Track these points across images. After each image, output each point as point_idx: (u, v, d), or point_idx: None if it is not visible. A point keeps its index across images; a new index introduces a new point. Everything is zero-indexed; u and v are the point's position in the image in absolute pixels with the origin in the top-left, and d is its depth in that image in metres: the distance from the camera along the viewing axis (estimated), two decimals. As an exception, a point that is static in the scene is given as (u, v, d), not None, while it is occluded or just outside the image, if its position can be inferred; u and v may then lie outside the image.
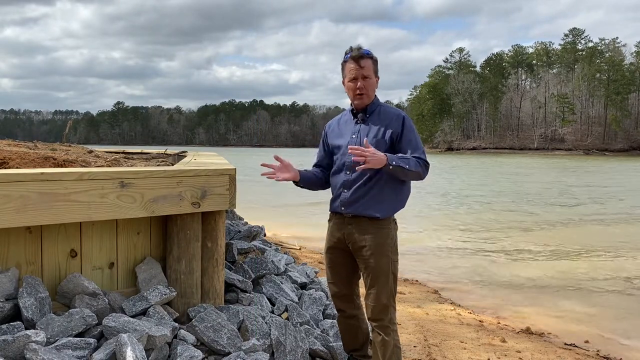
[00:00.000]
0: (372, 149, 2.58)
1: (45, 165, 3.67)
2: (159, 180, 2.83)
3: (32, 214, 2.43)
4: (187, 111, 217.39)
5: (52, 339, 2.39)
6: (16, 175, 2.40)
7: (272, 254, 4.39)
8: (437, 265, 8.19)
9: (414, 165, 2.66)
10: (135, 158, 6.47)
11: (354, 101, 2.84)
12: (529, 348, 4.43)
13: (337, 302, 3.06)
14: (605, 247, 9.74)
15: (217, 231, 3.14)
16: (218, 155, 5.68)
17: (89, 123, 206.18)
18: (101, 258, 2.85)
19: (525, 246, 9.88)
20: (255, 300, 3.38)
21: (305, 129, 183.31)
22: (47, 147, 5.95)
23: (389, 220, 2.82)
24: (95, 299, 2.67)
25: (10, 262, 2.57)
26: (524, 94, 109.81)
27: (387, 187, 2.77)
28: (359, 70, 2.76)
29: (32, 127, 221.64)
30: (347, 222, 2.85)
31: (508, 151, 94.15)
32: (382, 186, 2.76)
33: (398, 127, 2.77)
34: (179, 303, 2.99)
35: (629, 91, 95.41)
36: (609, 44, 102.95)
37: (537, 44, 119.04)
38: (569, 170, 37.34)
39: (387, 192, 2.78)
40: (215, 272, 3.14)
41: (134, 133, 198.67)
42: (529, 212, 14.77)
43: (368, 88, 2.79)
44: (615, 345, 4.93)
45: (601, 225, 12.66)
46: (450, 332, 4.69)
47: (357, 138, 2.83)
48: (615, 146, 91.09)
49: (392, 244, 2.83)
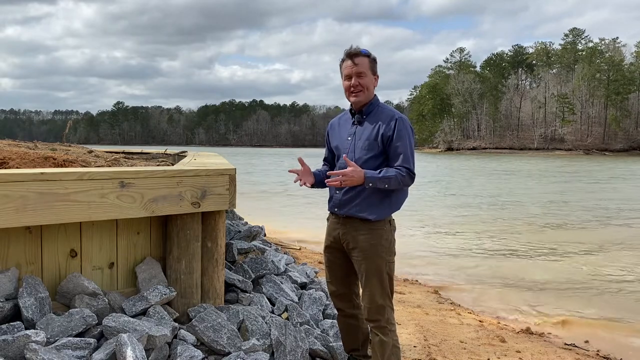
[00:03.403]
0: (350, 169, 2.61)
1: (45, 165, 3.68)
2: (159, 180, 2.83)
3: (32, 214, 2.43)
4: (187, 111, 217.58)
5: (52, 339, 2.39)
6: (16, 175, 2.40)
7: (272, 254, 4.39)
8: (437, 265, 8.19)
9: (394, 183, 2.67)
10: (135, 158, 6.47)
11: (350, 99, 2.83)
12: (529, 348, 4.42)
13: (336, 301, 3.06)
14: (606, 247, 9.74)
15: (217, 231, 3.14)
16: (218, 155, 5.68)
17: (88, 123, 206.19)
18: (101, 258, 2.85)
19: (526, 246, 9.88)
20: (255, 300, 3.38)
21: (305, 129, 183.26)
22: (47, 147, 5.95)
23: (383, 221, 2.79)
24: (95, 299, 2.67)
25: (10, 262, 2.57)
26: (524, 94, 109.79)
27: (379, 190, 2.73)
28: (353, 68, 2.75)
29: (32, 127, 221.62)
30: (342, 222, 2.85)
31: (508, 151, 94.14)
32: (374, 189, 2.72)
33: (389, 130, 2.73)
34: (179, 303, 2.99)
35: (629, 91, 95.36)
36: (609, 44, 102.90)
37: (537, 44, 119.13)
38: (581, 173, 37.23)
39: (380, 195, 2.75)
40: (215, 272, 3.14)
41: (133, 133, 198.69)
42: (532, 213, 14.76)
43: (363, 85, 2.76)
44: (615, 345, 4.93)
45: (602, 225, 12.66)
46: (450, 332, 4.69)
47: (352, 140, 2.83)
48: (615, 146, 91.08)
49: (387, 245, 2.80)
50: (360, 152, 2.77)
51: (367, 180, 2.63)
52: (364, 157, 2.75)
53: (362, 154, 2.76)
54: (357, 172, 2.62)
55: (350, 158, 2.77)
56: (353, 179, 2.61)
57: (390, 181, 2.66)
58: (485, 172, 35.91)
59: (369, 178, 2.63)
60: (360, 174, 2.62)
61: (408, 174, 2.70)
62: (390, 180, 2.66)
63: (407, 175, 2.69)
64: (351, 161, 2.67)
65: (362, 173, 2.63)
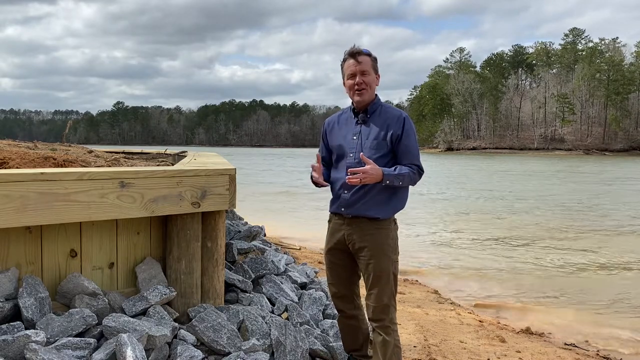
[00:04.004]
0: (369, 166, 2.64)
1: (45, 165, 3.67)
2: (159, 180, 2.83)
3: (32, 214, 2.43)
4: (187, 111, 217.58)
5: (52, 339, 2.39)
6: (16, 175, 2.40)
7: (272, 254, 4.39)
8: (437, 265, 8.19)
9: (407, 180, 2.76)
10: (135, 158, 6.47)
11: (354, 98, 2.83)
12: (529, 348, 4.42)
13: (337, 303, 3.06)
14: (607, 247, 9.74)
15: (217, 231, 3.14)
16: (218, 155, 5.67)
17: (88, 123, 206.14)
18: (101, 258, 2.85)
19: (526, 246, 9.88)
20: (255, 300, 3.38)
21: (305, 129, 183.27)
22: (47, 147, 5.95)
23: (389, 220, 2.82)
24: (95, 299, 2.67)
25: (10, 262, 2.57)
26: (524, 94, 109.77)
27: (386, 188, 2.77)
28: (357, 66, 2.77)
29: (32, 127, 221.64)
30: (348, 223, 2.85)
31: (508, 151, 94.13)
32: (382, 187, 2.75)
33: (398, 129, 2.78)
34: (179, 303, 2.99)
35: (629, 91, 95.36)
36: (609, 44, 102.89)
37: (537, 44, 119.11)
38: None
39: (387, 193, 2.79)
40: (215, 272, 3.14)
41: (133, 133, 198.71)
42: (533, 213, 14.76)
43: (367, 83, 2.78)
44: (615, 345, 4.93)
45: (605, 225, 12.66)
46: (450, 332, 4.69)
47: (358, 139, 2.83)
48: (615, 146, 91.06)
49: (393, 244, 2.83)
50: (368, 152, 2.78)
51: (385, 177, 2.68)
52: (372, 156, 2.76)
53: (371, 153, 2.77)
54: (376, 170, 2.66)
55: (356, 158, 2.78)
56: (372, 177, 2.65)
57: (405, 178, 2.74)
58: (485, 173, 35.90)
59: (387, 175, 2.68)
60: (378, 171, 2.66)
61: (418, 171, 2.80)
62: (405, 177, 2.74)
63: (417, 173, 2.80)
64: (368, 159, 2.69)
65: (380, 170, 2.67)
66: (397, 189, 2.79)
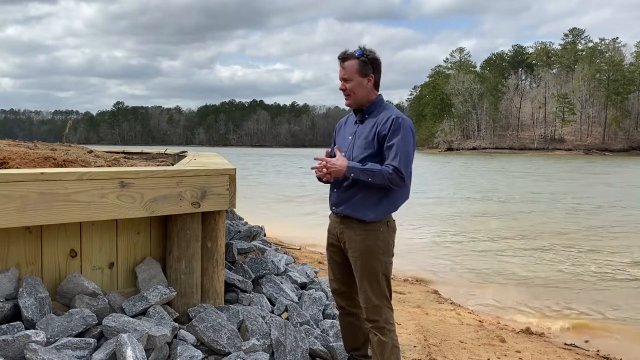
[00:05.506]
0: (334, 158, 2.72)
1: (45, 165, 3.67)
2: (159, 180, 2.83)
3: (32, 214, 2.43)
4: (187, 111, 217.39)
5: (52, 339, 2.39)
6: (16, 175, 2.40)
7: (272, 254, 4.39)
8: (437, 265, 8.19)
9: (378, 178, 2.63)
10: (135, 158, 6.47)
11: (345, 101, 2.89)
12: (529, 348, 4.42)
13: (338, 299, 3.07)
14: (607, 247, 9.74)
15: (217, 231, 3.14)
16: (218, 155, 5.67)
17: (88, 123, 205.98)
18: (101, 258, 2.85)
19: (526, 247, 9.88)
20: (255, 300, 3.38)
21: (305, 129, 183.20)
22: (47, 147, 5.95)
23: (379, 223, 2.77)
24: (95, 299, 2.67)
25: (10, 262, 2.57)
26: (524, 94, 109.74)
27: (377, 190, 2.72)
28: (341, 72, 2.82)
29: (32, 127, 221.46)
30: (340, 221, 2.88)
31: (508, 151, 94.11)
32: (371, 188, 2.72)
33: (386, 129, 2.72)
34: (179, 303, 2.99)
35: (629, 91, 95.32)
36: (609, 44, 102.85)
37: (537, 44, 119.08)
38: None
39: (377, 195, 2.73)
40: (215, 272, 3.14)
41: (133, 133, 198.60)
42: (534, 213, 14.76)
43: (350, 89, 2.79)
44: (615, 345, 4.93)
45: (606, 225, 12.66)
46: (450, 332, 4.69)
47: (352, 139, 2.87)
48: (615, 146, 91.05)
49: (384, 246, 2.79)
50: (357, 151, 2.79)
51: (348, 169, 2.67)
52: (360, 155, 2.76)
53: (359, 153, 2.78)
54: (341, 161, 2.69)
55: (348, 157, 2.79)
56: (335, 166, 2.68)
57: (374, 175, 2.64)
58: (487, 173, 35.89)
59: (351, 168, 2.67)
60: (343, 162, 2.68)
61: (395, 173, 2.62)
62: (374, 174, 2.64)
63: (394, 174, 2.62)
64: (340, 152, 2.76)
65: (345, 162, 2.68)
66: (388, 190, 2.72)
